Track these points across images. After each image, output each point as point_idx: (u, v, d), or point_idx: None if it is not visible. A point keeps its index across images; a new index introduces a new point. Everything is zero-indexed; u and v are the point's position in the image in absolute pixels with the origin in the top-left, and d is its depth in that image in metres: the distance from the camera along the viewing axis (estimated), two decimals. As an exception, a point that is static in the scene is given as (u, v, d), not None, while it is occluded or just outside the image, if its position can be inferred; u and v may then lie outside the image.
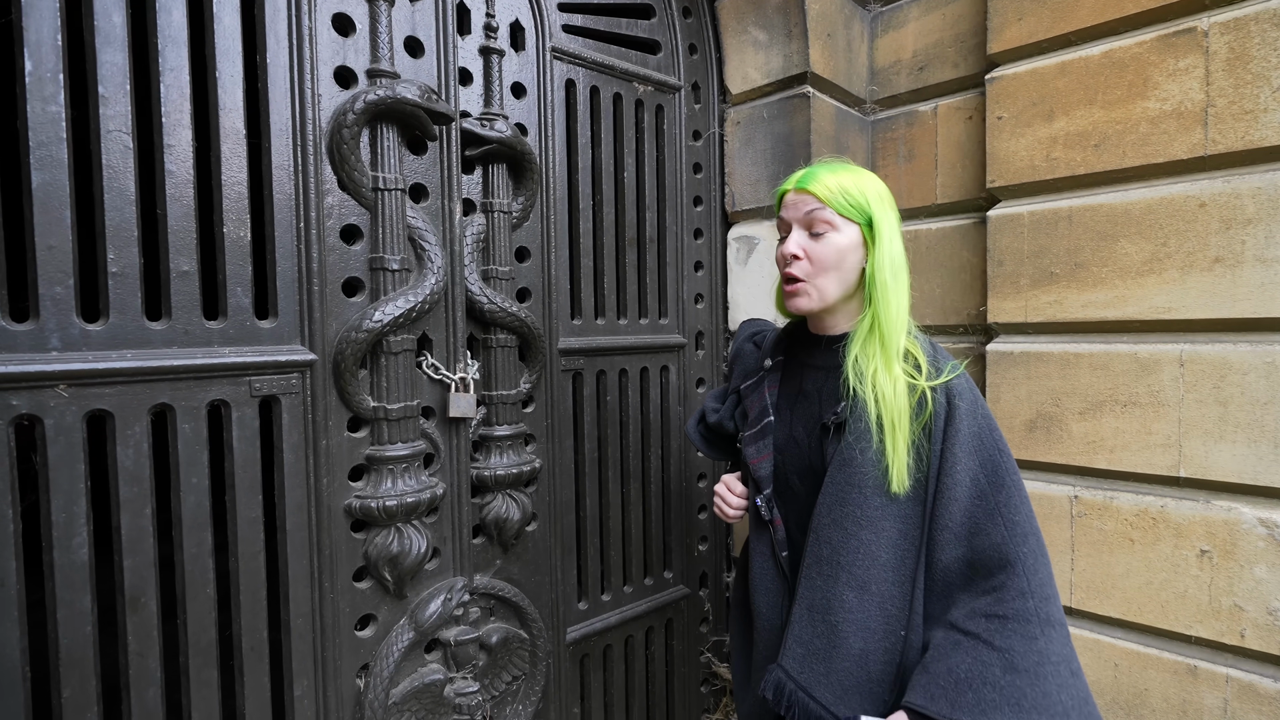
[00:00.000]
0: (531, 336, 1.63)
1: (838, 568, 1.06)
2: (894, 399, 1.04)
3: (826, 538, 1.08)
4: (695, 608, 2.13)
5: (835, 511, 1.07)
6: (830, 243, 1.09)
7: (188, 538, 1.14)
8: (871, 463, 1.05)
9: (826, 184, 1.09)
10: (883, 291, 1.07)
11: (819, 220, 1.09)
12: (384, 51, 1.35)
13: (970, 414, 1.05)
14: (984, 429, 1.05)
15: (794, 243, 1.10)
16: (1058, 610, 0.98)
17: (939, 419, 1.05)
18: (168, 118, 1.11)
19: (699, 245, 2.10)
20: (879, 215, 1.09)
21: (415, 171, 1.43)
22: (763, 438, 1.20)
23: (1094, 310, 1.64)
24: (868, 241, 1.10)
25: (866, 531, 1.05)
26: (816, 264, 1.09)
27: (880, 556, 1.05)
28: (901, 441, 1.03)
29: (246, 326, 1.20)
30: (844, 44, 2.02)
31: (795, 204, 1.11)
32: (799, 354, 1.23)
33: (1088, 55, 1.64)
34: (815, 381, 1.17)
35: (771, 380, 1.24)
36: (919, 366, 1.08)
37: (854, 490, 1.06)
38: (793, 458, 1.16)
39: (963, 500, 1.02)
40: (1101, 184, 1.64)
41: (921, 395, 1.06)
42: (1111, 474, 1.65)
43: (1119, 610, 1.63)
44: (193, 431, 1.14)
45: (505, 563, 1.64)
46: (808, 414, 1.16)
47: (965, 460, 1.03)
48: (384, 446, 1.36)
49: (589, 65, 1.79)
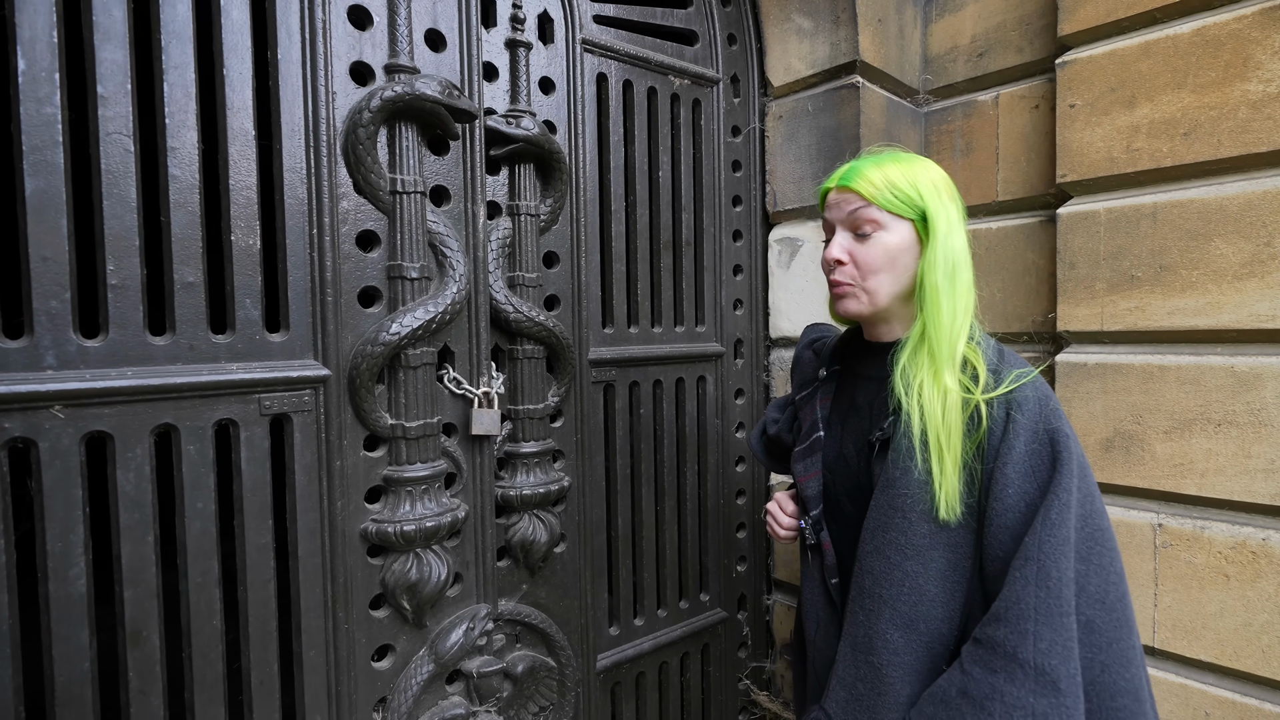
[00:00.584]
0: (560, 347, 1.53)
1: (880, 602, 0.95)
2: (941, 414, 0.92)
3: (869, 567, 0.97)
4: (734, 632, 2.01)
5: (878, 538, 0.96)
6: (878, 244, 0.98)
7: (193, 566, 1.07)
8: (917, 485, 0.93)
9: (871, 179, 0.97)
10: (932, 295, 0.95)
11: (864, 220, 0.98)
12: (403, 45, 1.27)
13: (1029, 430, 0.90)
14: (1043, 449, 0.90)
15: (837, 246, 1.00)
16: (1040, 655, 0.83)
17: (993, 436, 0.92)
18: (171, 119, 1.04)
19: (738, 248, 1.98)
20: (933, 208, 0.96)
21: (436, 173, 1.34)
22: (811, 454, 1.10)
23: (1182, 318, 1.47)
24: (922, 238, 0.98)
25: (911, 562, 0.93)
26: (863, 268, 0.99)
27: (928, 590, 0.93)
28: (950, 462, 0.91)
29: (256, 340, 1.13)
30: (895, 30, 1.87)
31: (838, 203, 1.01)
32: (853, 363, 1.12)
33: (1176, 33, 1.47)
34: (867, 394, 1.07)
35: (825, 392, 1.14)
36: (976, 376, 0.95)
37: (898, 515, 0.94)
38: (842, 476, 1.06)
39: (1016, 527, 0.89)
40: (1192, 177, 1.47)
41: (975, 410, 0.93)
42: (1202, 501, 1.47)
43: (1211, 653, 1.46)
44: (198, 453, 1.07)
45: (532, 587, 1.55)
46: (858, 429, 1.06)
47: (1019, 483, 0.89)
48: (402, 467, 1.28)
49: (622, 58, 1.68)
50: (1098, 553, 0.90)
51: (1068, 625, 0.84)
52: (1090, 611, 0.88)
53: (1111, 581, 0.90)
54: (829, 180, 1.04)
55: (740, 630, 2.03)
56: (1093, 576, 0.89)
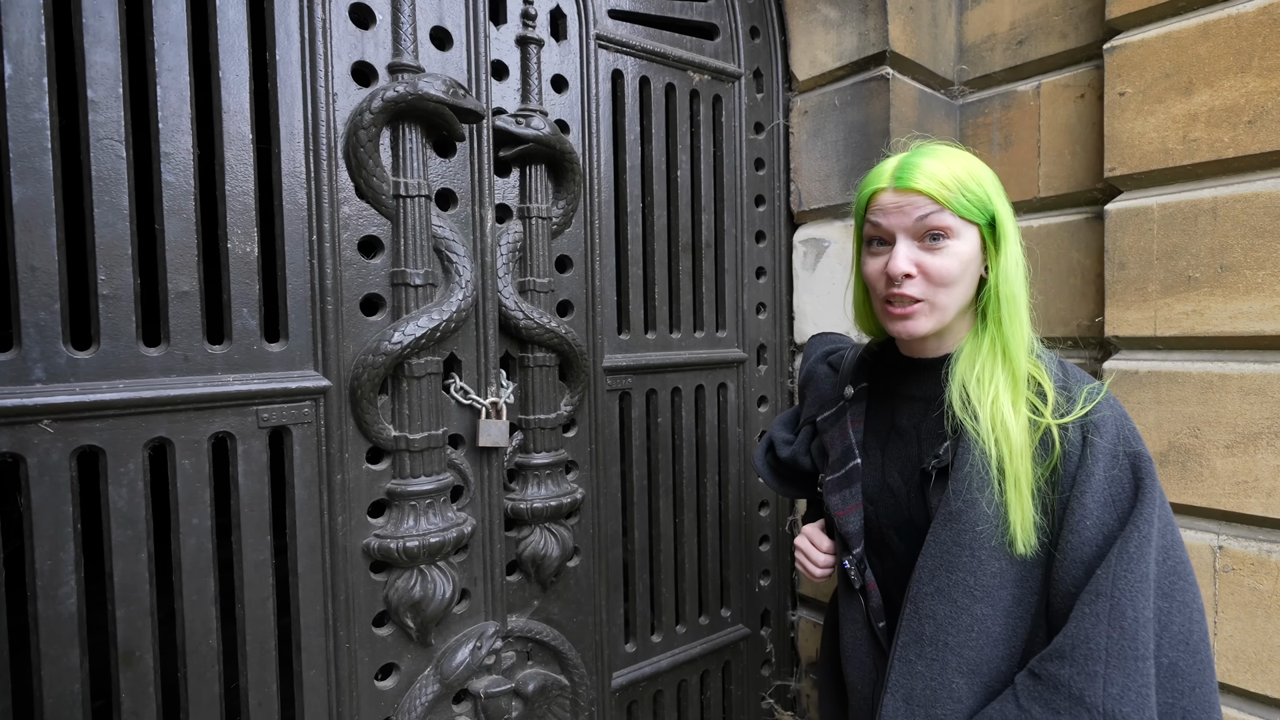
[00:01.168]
0: (573, 354, 1.47)
1: (945, 650, 0.86)
2: (1016, 438, 0.83)
3: (929, 611, 0.87)
4: (756, 649, 1.93)
5: (940, 578, 0.87)
6: (953, 254, 0.87)
7: (188, 584, 1.04)
8: (986, 518, 0.84)
9: (940, 178, 0.86)
10: (1009, 306, 0.87)
11: (935, 227, 0.87)
12: (407, 44, 1.22)
13: (1109, 455, 0.82)
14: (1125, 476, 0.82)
15: (905, 258, 0.87)
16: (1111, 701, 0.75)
17: (1069, 462, 0.83)
18: (165, 123, 1.01)
19: (761, 249, 1.90)
20: (1002, 211, 0.88)
21: (442, 175, 1.30)
22: (848, 485, 1.00)
23: (1246, 322, 1.35)
24: (988, 244, 0.89)
25: (981, 605, 0.85)
26: (937, 282, 0.87)
27: (994, 632, 0.85)
28: (1026, 489, 0.82)
29: (254, 351, 1.09)
30: (928, 18, 1.77)
31: (900, 208, 0.88)
32: (888, 380, 1.02)
33: (1239, 13, 1.35)
34: (912, 416, 0.97)
35: (855, 413, 1.03)
36: (1043, 395, 0.87)
37: (964, 552, 0.85)
38: (887, 509, 0.96)
39: (1090, 561, 0.80)
40: (1257, 168, 1.35)
41: (1045, 433, 0.84)
42: (1269, 522, 1.35)
43: (1279, 689, 1.34)
44: (194, 467, 1.04)
45: (544, 602, 1.49)
46: (904, 456, 0.96)
47: (1098, 513, 0.81)
48: (406, 480, 1.23)
49: (638, 53, 1.62)
50: (1181, 588, 0.81)
51: (1144, 670, 0.76)
52: (1174, 654, 0.79)
53: (1195, 620, 0.81)
54: (877, 178, 0.92)
55: (764, 647, 1.95)
56: (1176, 615, 0.80)
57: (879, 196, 0.91)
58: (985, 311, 0.91)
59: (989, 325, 0.89)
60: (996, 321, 0.88)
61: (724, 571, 1.86)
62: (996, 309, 0.88)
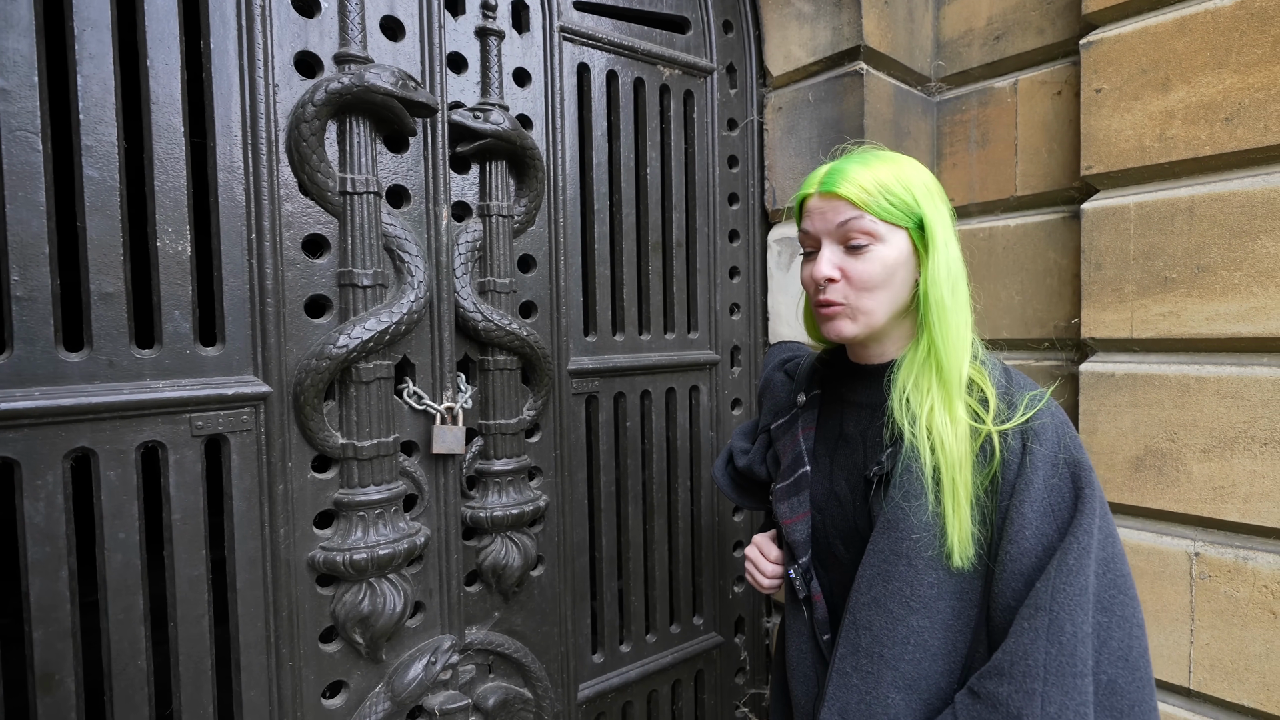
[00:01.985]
0: (536, 357, 1.42)
1: (880, 663, 0.83)
2: (954, 445, 0.81)
3: (866, 622, 0.85)
4: (730, 657, 1.89)
5: (877, 588, 0.84)
6: (875, 258, 0.86)
7: (114, 602, 0.98)
8: (925, 527, 0.82)
9: (861, 183, 0.85)
10: (939, 311, 0.84)
11: (857, 231, 0.86)
12: (354, 33, 1.17)
13: (1048, 463, 0.80)
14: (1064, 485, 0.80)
15: (827, 263, 0.87)
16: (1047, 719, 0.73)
17: (1008, 470, 0.81)
18: (87, 114, 0.95)
19: (735, 249, 1.85)
20: (931, 215, 0.85)
21: (394, 172, 1.24)
22: (796, 493, 0.97)
23: (1223, 324, 1.32)
24: (919, 248, 0.87)
25: (918, 616, 0.82)
26: (859, 286, 0.86)
27: (932, 645, 0.82)
28: (964, 499, 0.80)
29: (186, 355, 1.04)
30: (904, 13, 1.73)
31: (822, 212, 0.88)
32: (838, 388, 1.00)
33: (1216, 7, 1.31)
34: (859, 423, 0.94)
35: (806, 420, 1.01)
36: (985, 402, 0.84)
37: (901, 562, 0.83)
38: (834, 518, 0.93)
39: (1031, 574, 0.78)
40: (1235, 167, 1.32)
41: (986, 441, 0.82)
42: (1246, 529, 1.32)
43: (1256, 698, 1.31)
44: (119, 479, 0.98)
45: (506, 613, 1.45)
46: (851, 463, 0.93)
47: (1038, 523, 0.78)
48: (354, 490, 1.18)
49: (605, 47, 1.57)
50: (1121, 602, 0.79)
51: (1082, 688, 0.74)
52: (1113, 670, 0.77)
53: (1135, 635, 0.79)
54: (806, 184, 0.92)
55: (737, 654, 1.91)
56: (1116, 630, 0.78)
57: (807, 203, 0.91)
58: (918, 317, 0.89)
59: (923, 331, 0.87)
60: (927, 326, 0.86)
61: (696, 578, 1.82)
62: (927, 314, 0.86)
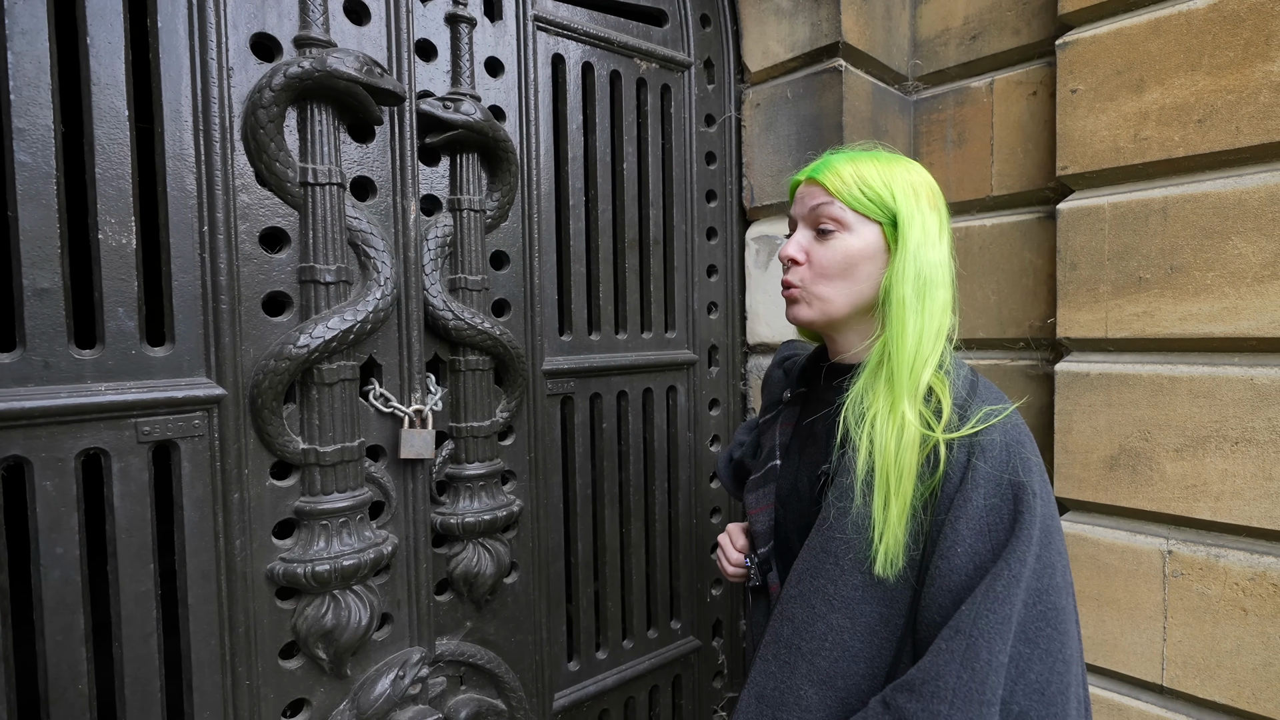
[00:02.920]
0: (509, 357, 1.37)
1: (797, 654, 0.84)
2: (893, 452, 0.78)
3: (789, 614, 0.85)
4: (708, 661, 1.86)
5: (805, 583, 0.85)
6: (837, 246, 0.86)
7: (50, 622, 0.91)
8: (855, 529, 0.81)
9: (840, 173, 0.87)
10: (898, 311, 0.82)
11: (825, 216, 0.87)
12: (316, 15, 1.11)
13: (990, 480, 0.76)
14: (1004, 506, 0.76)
15: (794, 244, 0.90)
16: None
17: (949, 483, 0.78)
18: (18, 94, 0.88)
19: (712, 246, 1.82)
20: (906, 212, 0.83)
21: (359, 163, 1.18)
22: (765, 485, 0.98)
23: (1196, 324, 1.33)
24: (891, 246, 0.86)
25: (839, 615, 0.81)
26: (816, 271, 0.88)
27: (852, 646, 0.81)
28: (896, 508, 0.78)
29: (131, 356, 0.97)
30: (882, 10, 1.72)
31: (802, 197, 0.92)
32: (818, 385, 1.00)
33: (1189, 10, 1.32)
34: (827, 420, 0.93)
35: (787, 416, 1.01)
36: (940, 412, 0.81)
37: (829, 560, 0.83)
38: (794, 513, 0.94)
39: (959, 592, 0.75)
40: (1207, 168, 1.33)
41: (933, 450, 0.79)
42: (1217, 527, 1.33)
43: (1227, 694, 1.32)
44: (56, 489, 0.91)
45: (478, 623, 1.39)
46: (813, 461, 0.93)
47: (971, 541, 0.75)
48: (316, 498, 1.12)
49: (581, 38, 1.52)
50: (1046, 635, 0.76)
51: (987, 716, 0.72)
52: (1026, 702, 0.75)
53: (1056, 671, 0.76)
54: (800, 172, 0.94)
55: (715, 659, 1.88)
56: (1035, 663, 0.76)
57: (797, 190, 0.94)
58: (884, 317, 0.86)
59: (882, 333, 0.85)
60: (885, 324, 0.84)
61: (674, 582, 1.78)
62: (885, 312, 0.84)
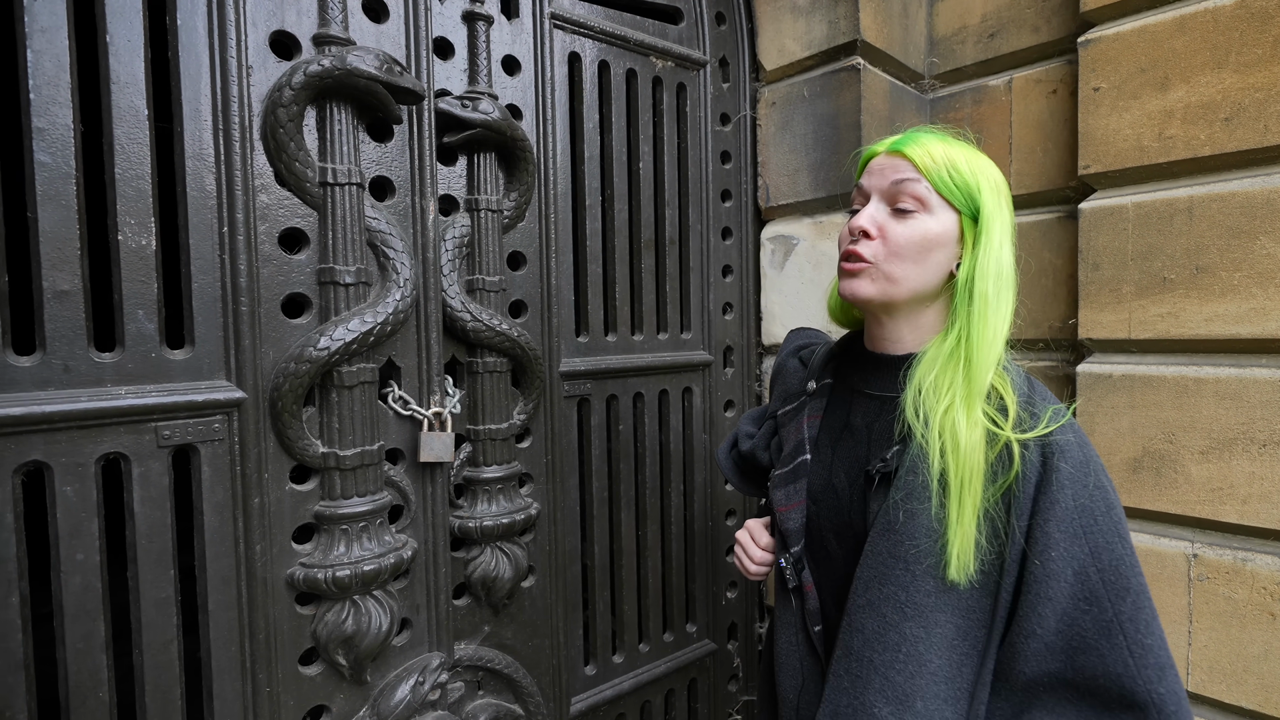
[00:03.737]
0: (526, 359, 1.36)
1: (869, 668, 0.80)
2: (968, 451, 0.76)
3: (859, 624, 0.81)
4: (723, 664, 1.84)
5: (872, 591, 0.81)
6: (917, 225, 0.82)
7: (71, 629, 0.90)
8: (925, 533, 0.78)
9: (931, 151, 0.82)
10: (981, 305, 0.80)
11: (908, 194, 0.82)
12: (335, 13, 1.09)
13: (1077, 482, 0.76)
14: (1098, 504, 0.76)
15: (868, 216, 0.84)
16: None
17: (1027, 484, 0.77)
18: (38, 94, 0.86)
19: (727, 247, 1.81)
20: (990, 209, 0.82)
21: (377, 162, 1.17)
22: (794, 480, 0.93)
23: (1222, 325, 1.31)
24: (966, 239, 0.83)
25: (911, 623, 0.78)
26: (892, 247, 0.83)
27: (929, 661, 0.78)
28: (970, 510, 0.76)
29: (152, 359, 0.95)
30: (899, 8, 1.70)
31: (882, 169, 0.85)
32: (851, 376, 0.95)
33: (1216, 6, 1.31)
34: (867, 414, 0.90)
35: (814, 408, 0.97)
36: (1005, 410, 0.80)
37: (898, 565, 0.79)
38: (829, 510, 0.90)
39: (1060, 600, 0.74)
40: (1234, 167, 1.31)
41: (1004, 450, 0.78)
42: (1245, 530, 1.32)
43: (1254, 700, 1.31)
44: (77, 495, 0.90)
45: (495, 627, 1.38)
46: (852, 455, 0.89)
47: (1066, 545, 0.75)
48: (336, 502, 1.11)
49: (597, 36, 1.51)
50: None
51: None
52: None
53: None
54: (875, 147, 0.89)
55: (730, 662, 1.87)
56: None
57: (871, 161, 0.88)
58: (954, 310, 0.85)
59: (956, 326, 0.83)
60: (966, 320, 0.82)
61: (689, 585, 1.77)
62: (967, 307, 0.82)
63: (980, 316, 0.80)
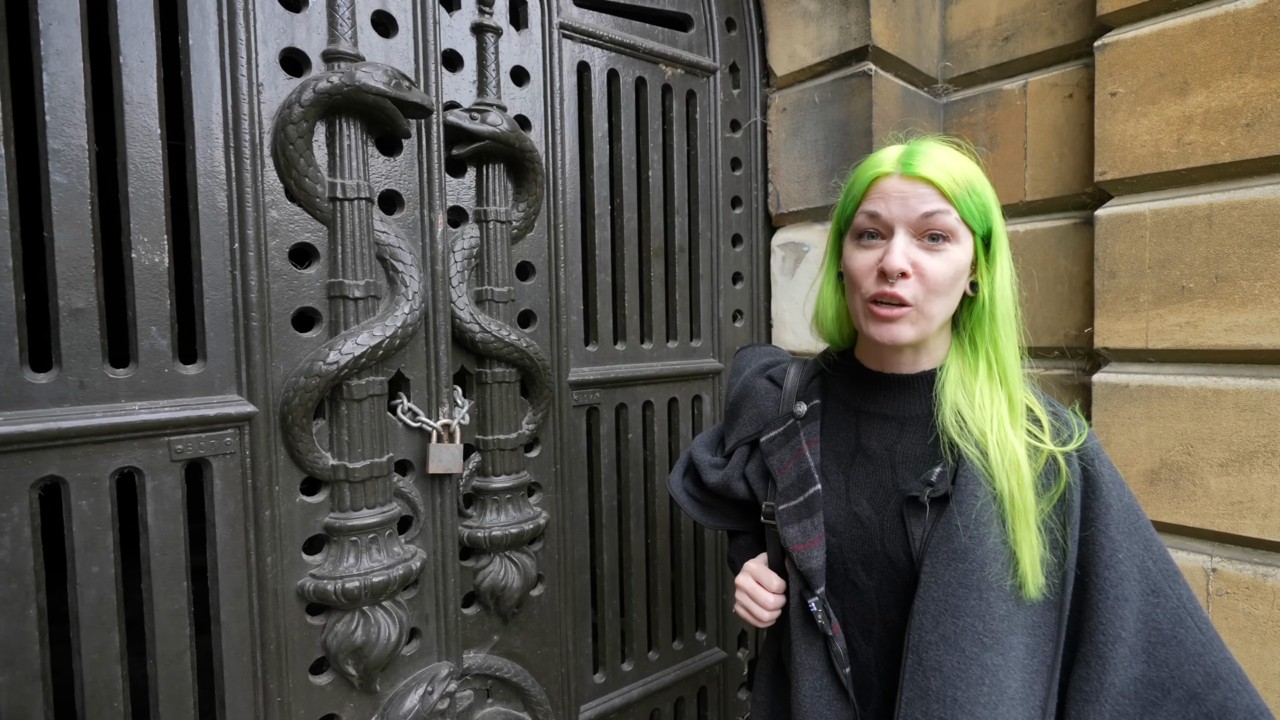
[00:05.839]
0: (535, 369, 1.36)
1: (954, 708, 0.76)
2: (1022, 468, 0.78)
3: (935, 663, 0.78)
4: (733, 672, 1.84)
5: (945, 624, 0.78)
6: (950, 259, 0.79)
7: (87, 641, 0.91)
8: (994, 556, 0.77)
9: (953, 174, 0.78)
10: (1005, 326, 0.82)
11: (940, 227, 0.78)
12: (344, 29, 1.10)
13: (1116, 483, 0.81)
14: (1133, 500, 0.82)
15: (901, 254, 0.77)
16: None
17: (1074, 493, 0.79)
18: (54, 115, 0.88)
19: (738, 254, 1.80)
20: (999, 227, 0.82)
21: (386, 176, 1.18)
22: (809, 515, 0.88)
23: (1243, 335, 1.29)
24: (979, 258, 0.82)
25: (992, 653, 0.77)
26: (930, 285, 0.78)
27: (1008, 687, 0.77)
28: (1033, 524, 0.77)
29: (165, 374, 0.97)
30: (911, 12, 1.68)
31: (904, 197, 0.78)
32: (849, 397, 0.92)
33: (1237, 9, 1.28)
34: (883, 437, 0.88)
35: (809, 433, 0.91)
36: (1037, 421, 0.82)
37: (971, 595, 0.77)
38: (854, 541, 0.86)
39: (1134, 599, 0.77)
40: (1255, 174, 1.28)
41: (1049, 463, 0.79)
42: (1266, 545, 1.29)
43: (1275, 718, 1.28)
44: (92, 509, 0.92)
45: (505, 635, 1.39)
46: (874, 482, 0.87)
47: (1127, 545, 0.78)
48: (346, 514, 1.12)
49: (606, 44, 1.51)
50: None
51: None
52: None
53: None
54: (878, 164, 0.81)
55: (740, 669, 1.86)
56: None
57: (881, 182, 0.80)
58: (972, 329, 0.85)
59: (980, 345, 0.84)
60: (993, 342, 0.82)
61: (699, 593, 1.77)
62: (992, 329, 0.82)
63: (1008, 336, 0.82)
